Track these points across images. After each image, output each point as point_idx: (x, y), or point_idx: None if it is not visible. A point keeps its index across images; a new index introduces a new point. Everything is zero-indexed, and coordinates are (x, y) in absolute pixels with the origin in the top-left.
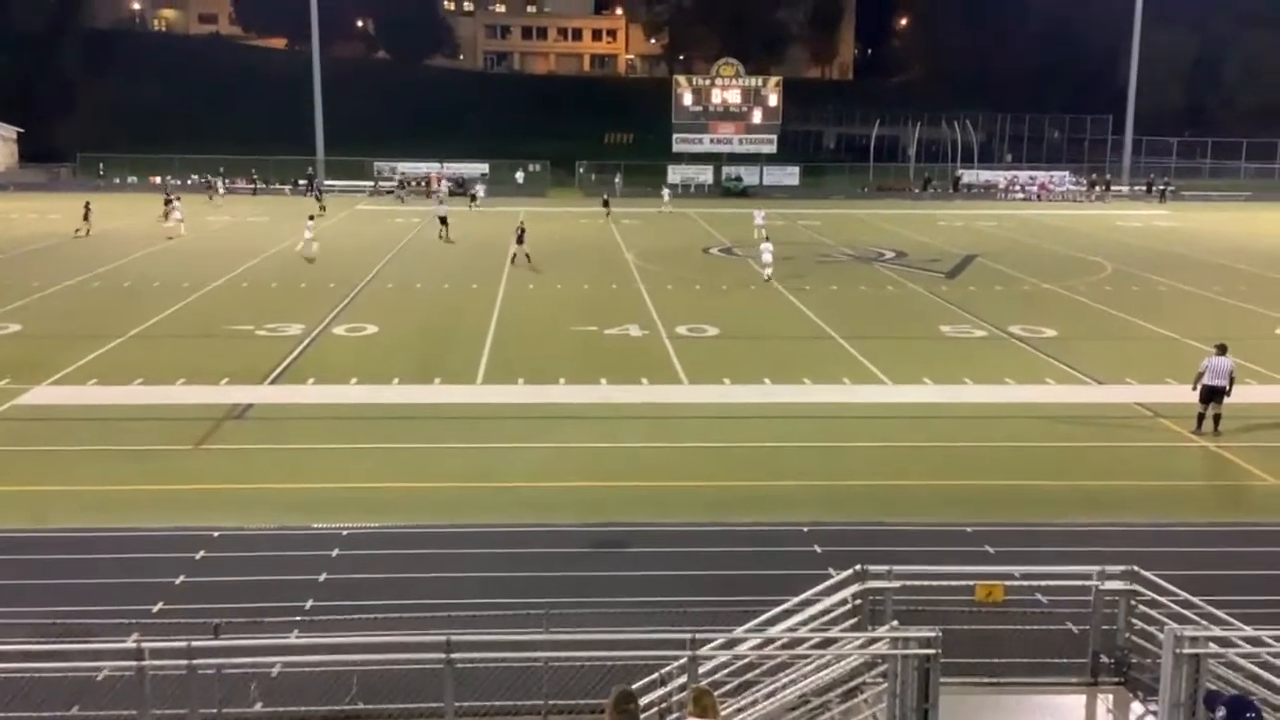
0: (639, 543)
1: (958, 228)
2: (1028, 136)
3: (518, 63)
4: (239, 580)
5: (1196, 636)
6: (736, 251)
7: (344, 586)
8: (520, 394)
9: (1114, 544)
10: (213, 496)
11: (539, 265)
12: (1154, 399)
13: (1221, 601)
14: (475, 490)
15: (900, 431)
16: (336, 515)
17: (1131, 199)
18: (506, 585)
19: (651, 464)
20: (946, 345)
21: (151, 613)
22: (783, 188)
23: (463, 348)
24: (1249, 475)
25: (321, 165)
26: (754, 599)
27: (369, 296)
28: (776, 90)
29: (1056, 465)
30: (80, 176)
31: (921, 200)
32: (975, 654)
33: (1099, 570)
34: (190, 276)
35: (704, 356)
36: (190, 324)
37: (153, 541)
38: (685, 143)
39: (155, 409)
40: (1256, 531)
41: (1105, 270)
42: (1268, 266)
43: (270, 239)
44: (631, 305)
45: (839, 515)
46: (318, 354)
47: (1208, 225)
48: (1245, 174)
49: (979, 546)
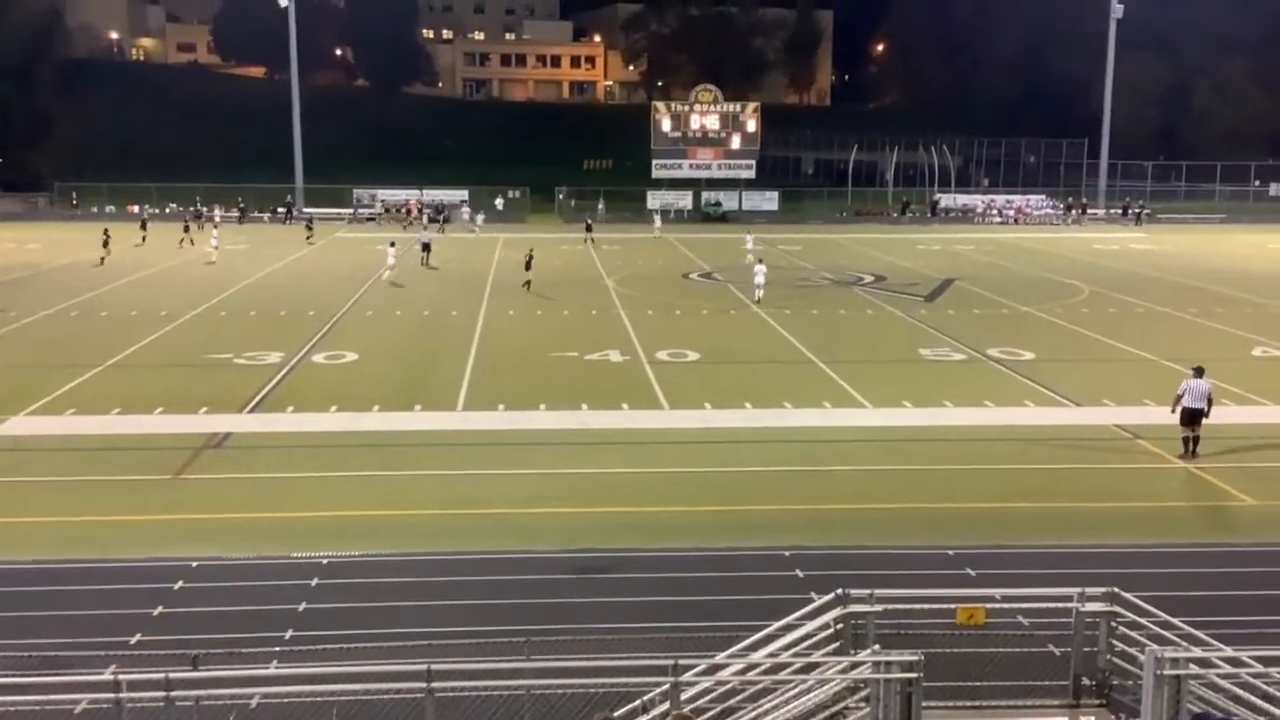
0: (620, 569)
1: (936, 251)
2: (1004, 161)
3: (497, 90)
4: (218, 611)
5: (1177, 658)
6: (717, 276)
7: (324, 616)
8: (501, 420)
9: (1094, 565)
10: (191, 526)
11: (538, 290)
12: (1132, 420)
13: (1201, 622)
14: (456, 517)
15: (881, 455)
16: (316, 544)
17: (1107, 222)
18: (488, 613)
19: (632, 489)
20: (926, 368)
21: (129, 644)
22: (762, 213)
23: (443, 374)
24: (1227, 496)
25: (300, 193)
26: (736, 624)
27: (349, 324)
28: (755, 116)
29: (1036, 487)
30: (57, 206)
31: (900, 224)
32: (957, 677)
33: (1079, 592)
34: (168, 305)
35: (685, 381)
36: (168, 353)
37: (130, 572)
38: (664, 168)
39: (133, 439)
40: (1235, 552)
41: (1082, 293)
42: (1243, 288)
43: (250, 267)
44: (612, 331)
45: (820, 539)
46: (297, 382)
47: (1183, 247)
48: (1219, 196)
49: (960, 569)
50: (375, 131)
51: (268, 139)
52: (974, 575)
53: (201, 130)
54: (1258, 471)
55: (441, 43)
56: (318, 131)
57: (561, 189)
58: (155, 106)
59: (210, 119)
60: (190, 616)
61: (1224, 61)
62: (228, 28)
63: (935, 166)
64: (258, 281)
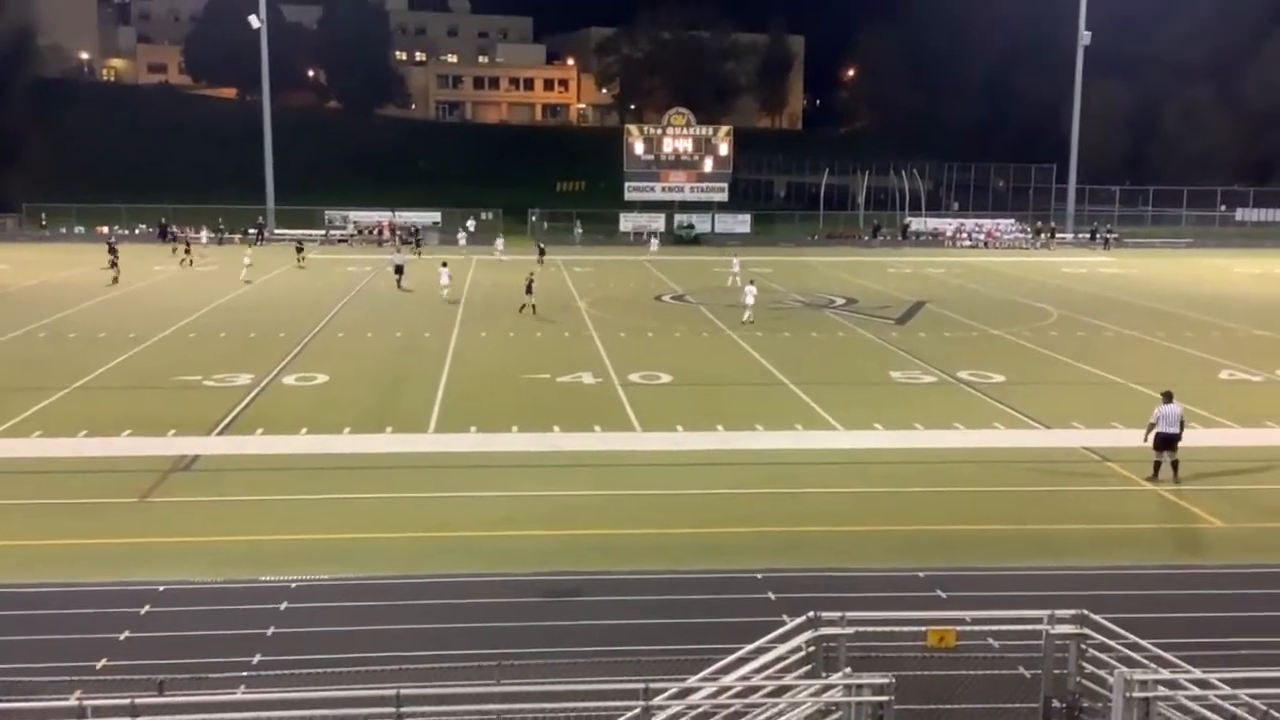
0: (592, 591)
1: (907, 275)
2: (974, 185)
3: (470, 112)
4: (185, 635)
5: (1146, 679)
6: (689, 299)
7: (292, 640)
8: (473, 443)
9: (1064, 588)
10: (158, 550)
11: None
12: (1101, 443)
13: (1170, 644)
14: (427, 540)
15: (852, 477)
16: (285, 568)
17: (1076, 246)
18: (458, 636)
19: (605, 512)
20: (897, 391)
21: (95, 669)
22: (734, 235)
23: (415, 396)
24: (1196, 518)
25: (272, 214)
26: (708, 647)
27: (320, 345)
28: (727, 139)
29: (1007, 509)
30: (26, 227)
31: (871, 247)
32: (928, 700)
33: (1049, 614)
34: (137, 327)
35: (657, 404)
36: (137, 375)
37: (96, 597)
38: (637, 191)
39: (100, 461)
40: (1204, 574)
41: (1051, 316)
42: (1210, 312)
43: (219, 288)
44: (584, 353)
45: (792, 562)
46: (267, 404)
47: (1150, 272)
48: (1186, 221)
49: (931, 591)
50: (348, 153)
51: (239, 160)
52: (945, 597)
53: (173, 151)
54: (1226, 494)
55: (415, 65)
56: (290, 153)
57: (534, 211)
58: (126, 127)
59: (181, 140)
60: (157, 641)
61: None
62: (199, 49)
63: (906, 190)
64: (228, 303)
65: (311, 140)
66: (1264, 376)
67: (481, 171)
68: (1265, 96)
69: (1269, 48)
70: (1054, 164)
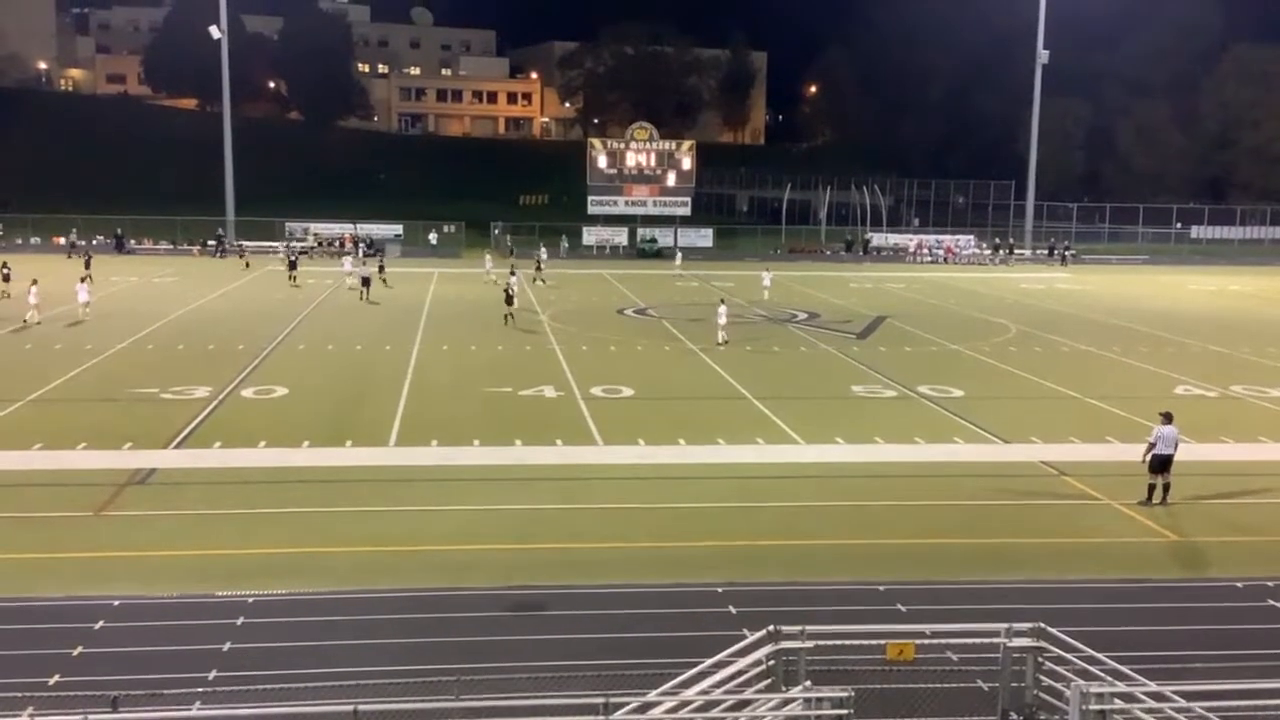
0: (553, 606)
1: (868, 290)
2: (934, 201)
3: (433, 125)
4: (139, 651)
5: (1102, 693)
6: (651, 313)
7: (249, 656)
8: (434, 456)
9: (1021, 601)
10: (113, 564)
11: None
12: (1058, 457)
13: (1126, 657)
14: (387, 554)
15: (813, 491)
16: (242, 582)
17: (1034, 262)
18: (418, 652)
19: (566, 526)
20: (858, 405)
21: (47, 685)
22: (697, 249)
23: (375, 409)
24: (1152, 532)
25: (232, 225)
26: (669, 661)
27: (279, 358)
28: (690, 154)
29: (965, 523)
30: None
31: (833, 261)
32: (888, 712)
33: (1007, 627)
34: (93, 339)
35: (619, 417)
36: (93, 387)
37: (49, 611)
38: (600, 204)
39: (55, 474)
40: (1159, 588)
41: (1010, 331)
42: (1165, 327)
43: (177, 300)
44: (546, 366)
45: (753, 575)
46: (225, 417)
47: (1107, 287)
48: (1142, 238)
49: (891, 605)
50: (309, 165)
51: (199, 171)
52: (904, 611)
53: (131, 162)
54: (1181, 508)
55: (377, 77)
56: (250, 164)
57: (497, 224)
58: (84, 137)
59: (140, 150)
60: (111, 657)
61: (1145, 106)
62: (159, 59)
63: (867, 206)
64: (186, 314)
65: (272, 152)
66: (1219, 391)
67: (444, 184)
68: (1219, 115)
69: (1223, 68)
70: (1012, 181)
